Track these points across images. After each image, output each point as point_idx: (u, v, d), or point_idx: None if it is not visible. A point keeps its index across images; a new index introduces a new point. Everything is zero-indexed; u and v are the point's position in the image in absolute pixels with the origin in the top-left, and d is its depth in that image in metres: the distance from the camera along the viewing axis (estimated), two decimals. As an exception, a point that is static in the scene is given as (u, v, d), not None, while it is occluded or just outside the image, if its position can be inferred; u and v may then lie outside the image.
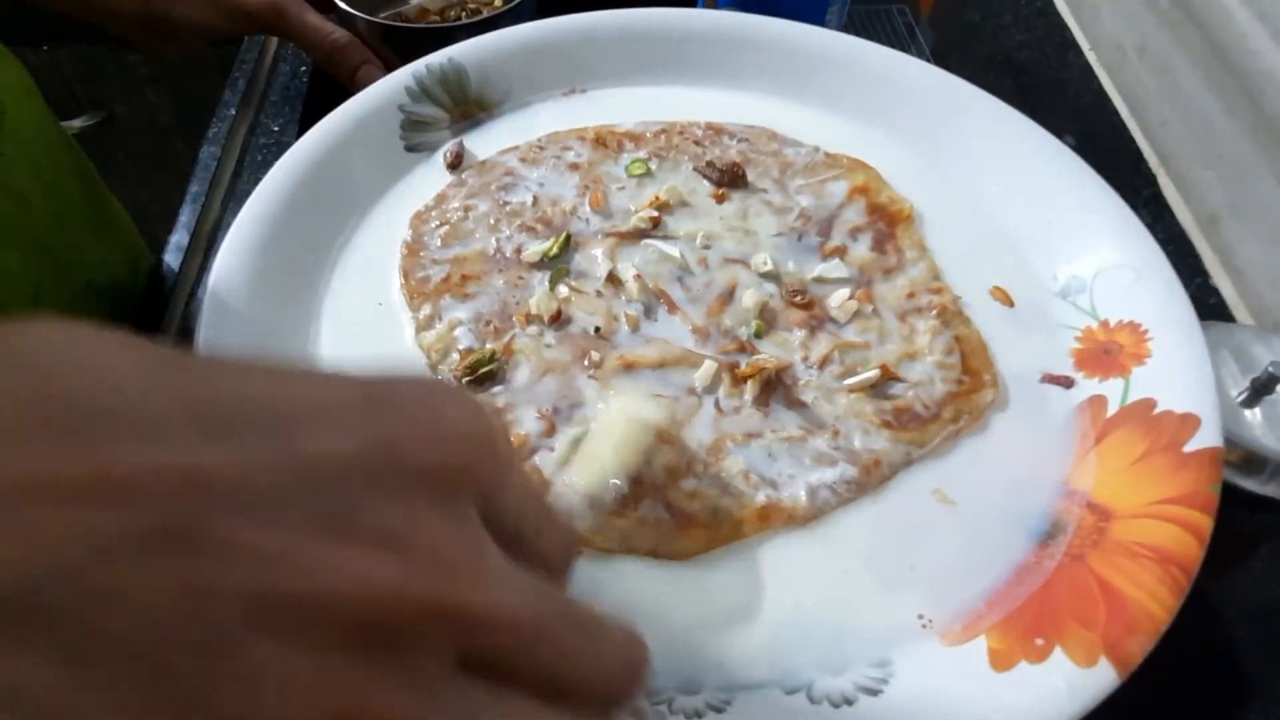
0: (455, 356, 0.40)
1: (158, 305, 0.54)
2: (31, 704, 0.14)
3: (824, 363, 0.40)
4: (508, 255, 0.43)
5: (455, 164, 0.48)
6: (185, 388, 0.16)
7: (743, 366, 0.39)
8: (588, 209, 0.46)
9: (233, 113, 0.63)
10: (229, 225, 0.41)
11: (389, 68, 0.49)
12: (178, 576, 0.15)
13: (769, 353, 0.40)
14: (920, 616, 0.34)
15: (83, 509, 0.14)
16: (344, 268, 0.44)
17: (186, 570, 0.15)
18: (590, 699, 0.19)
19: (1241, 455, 0.43)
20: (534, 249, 0.43)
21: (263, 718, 0.15)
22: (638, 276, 0.42)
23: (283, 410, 0.16)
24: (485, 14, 0.59)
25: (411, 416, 0.17)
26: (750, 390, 0.39)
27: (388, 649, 0.16)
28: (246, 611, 0.15)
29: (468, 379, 0.39)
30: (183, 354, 0.17)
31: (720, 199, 0.46)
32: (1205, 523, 0.33)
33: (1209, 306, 0.54)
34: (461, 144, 0.48)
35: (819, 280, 0.43)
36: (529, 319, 0.41)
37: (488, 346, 0.40)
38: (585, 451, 0.36)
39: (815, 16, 0.56)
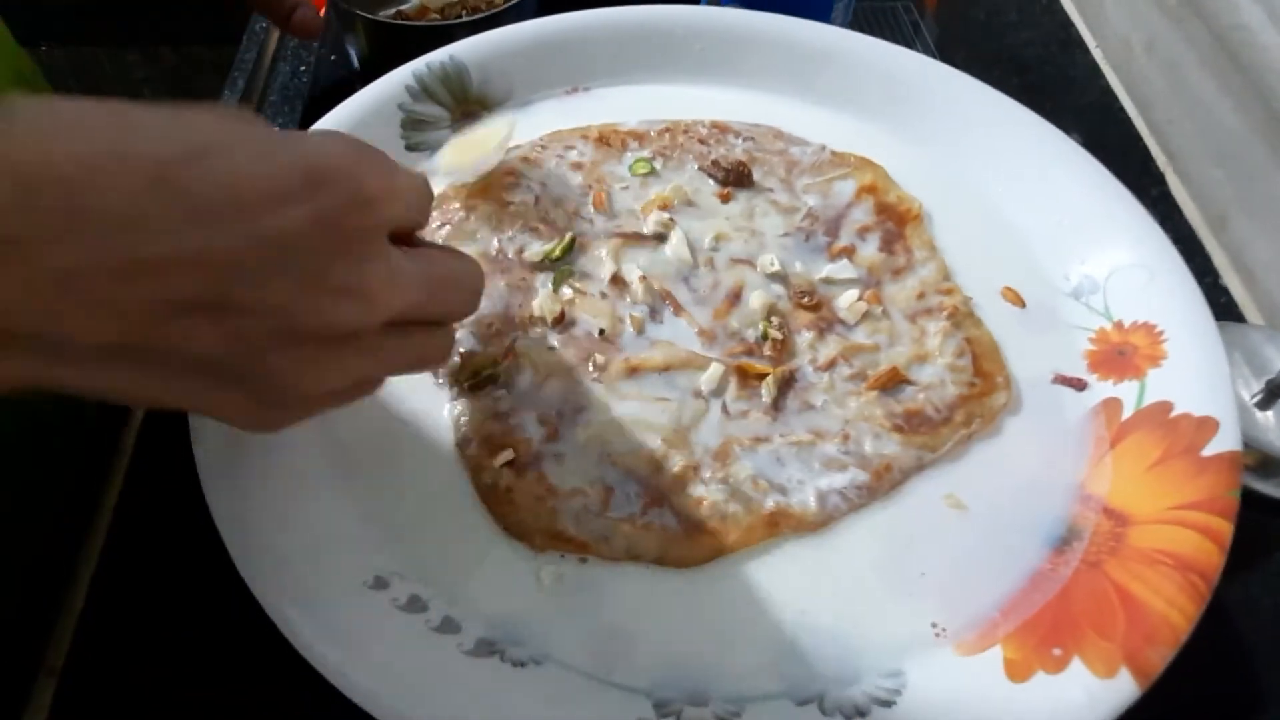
0: (456, 359, 0.39)
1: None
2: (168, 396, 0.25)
3: (833, 365, 0.39)
4: (510, 256, 0.43)
5: (456, 164, 0.47)
6: (170, 183, 0.22)
7: (755, 364, 0.39)
8: (591, 209, 0.45)
9: (230, 112, 0.62)
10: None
11: (388, 67, 0.48)
12: (222, 327, 0.23)
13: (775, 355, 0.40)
14: (933, 625, 0.33)
15: (139, 286, 0.22)
16: (343, 269, 0.43)
17: (229, 322, 0.23)
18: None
19: (1257, 458, 0.42)
20: (537, 250, 0.42)
21: (298, 389, 0.26)
22: (643, 278, 0.41)
23: (246, 199, 0.23)
24: (486, 11, 0.58)
25: (344, 192, 0.24)
26: (767, 393, 0.38)
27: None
28: (274, 340, 0.24)
29: (469, 383, 0.38)
30: (149, 127, 0.24)
31: (726, 198, 0.46)
32: (1226, 529, 0.32)
33: (1219, 306, 0.54)
34: (463, 143, 0.48)
35: (827, 281, 0.43)
36: (532, 321, 0.40)
37: (489, 350, 0.39)
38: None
39: (820, 13, 0.55)
